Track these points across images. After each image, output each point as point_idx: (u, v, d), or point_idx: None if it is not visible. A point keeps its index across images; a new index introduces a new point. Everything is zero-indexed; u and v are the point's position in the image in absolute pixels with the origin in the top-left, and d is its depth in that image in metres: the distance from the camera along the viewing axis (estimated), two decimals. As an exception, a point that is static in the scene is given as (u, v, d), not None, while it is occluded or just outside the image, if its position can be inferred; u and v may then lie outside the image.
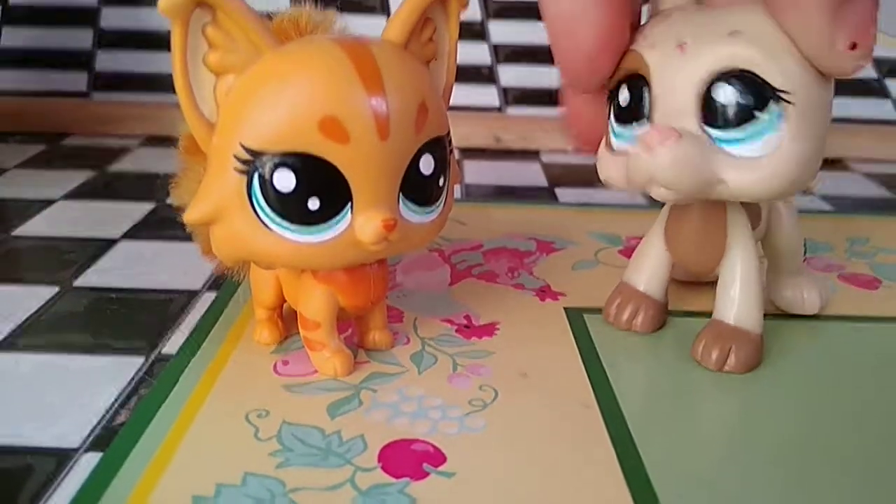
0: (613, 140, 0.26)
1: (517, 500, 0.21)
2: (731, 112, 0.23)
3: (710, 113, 0.24)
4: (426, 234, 0.25)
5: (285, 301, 0.27)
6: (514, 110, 0.61)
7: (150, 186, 0.46)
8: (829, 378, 0.27)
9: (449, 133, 0.25)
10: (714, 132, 0.24)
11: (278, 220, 0.22)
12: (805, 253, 0.32)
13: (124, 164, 0.51)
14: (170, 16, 0.21)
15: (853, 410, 0.25)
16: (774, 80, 0.23)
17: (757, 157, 0.24)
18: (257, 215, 0.22)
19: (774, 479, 0.22)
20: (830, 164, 0.56)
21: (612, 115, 0.26)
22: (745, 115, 0.23)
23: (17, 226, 0.39)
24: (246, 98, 0.22)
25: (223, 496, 0.20)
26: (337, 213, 0.23)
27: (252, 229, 0.22)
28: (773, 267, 0.30)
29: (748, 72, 0.23)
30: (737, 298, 0.27)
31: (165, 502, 0.20)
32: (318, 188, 0.22)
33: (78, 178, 0.47)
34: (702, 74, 0.23)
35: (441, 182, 0.25)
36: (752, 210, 0.29)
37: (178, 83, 0.22)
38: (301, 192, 0.22)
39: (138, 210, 0.42)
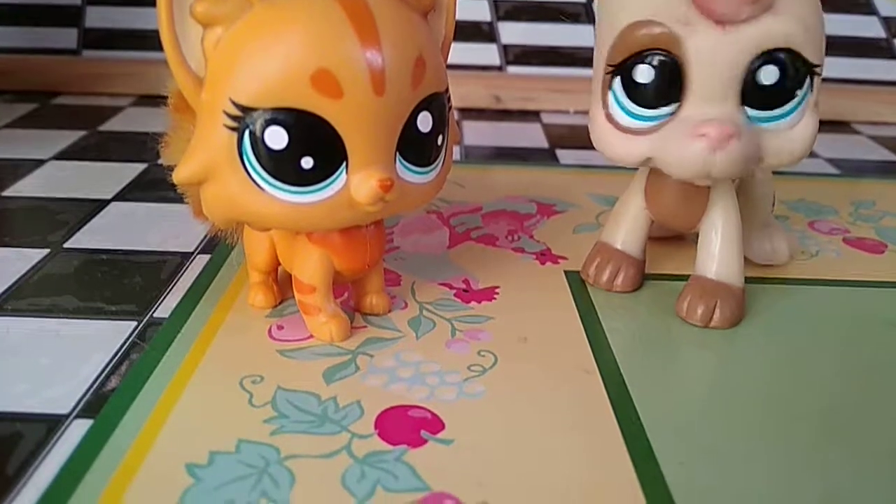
0: (622, 116, 0.25)
1: (517, 467, 0.20)
2: (775, 93, 0.24)
3: (754, 94, 0.24)
4: (424, 194, 0.24)
5: (280, 264, 0.26)
6: (514, 69, 0.59)
7: (142, 147, 0.45)
8: (819, 337, 0.27)
9: (448, 90, 0.24)
10: (754, 112, 0.24)
11: (270, 179, 0.21)
12: (773, 205, 0.32)
13: (116, 124, 0.50)
14: None
15: (842, 369, 0.25)
16: (812, 55, 0.23)
17: (788, 130, 0.24)
18: (249, 174, 0.21)
19: (775, 443, 0.21)
20: (836, 126, 0.55)
21: (621, 92, 0.25)
22: (787, 95, 0.24)
23: (6, 186, 0.38)
24: (235, 52, 0.21)
25: (217, 463, 0.20)
26: (331, 172, 0.22)
27: (244, 189, 0.22)
28: (743, 218, 0.30)
29: (791, 50, 0.23)
30: (718, 253, 0.27)
31: (158, 470, 0.20)
32: (311, 146, 0.21)
33: (69, 137, 0.47)
34: (746, 56, 0.23)
35: (440, 141, 0.24)
36: None
37: (165, 35, 0.21)
38: (293, 150, 0.21)
39: (130, 170, 0.41)
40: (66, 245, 0.32)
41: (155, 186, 0.39)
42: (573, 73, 0.57)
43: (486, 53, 0.60)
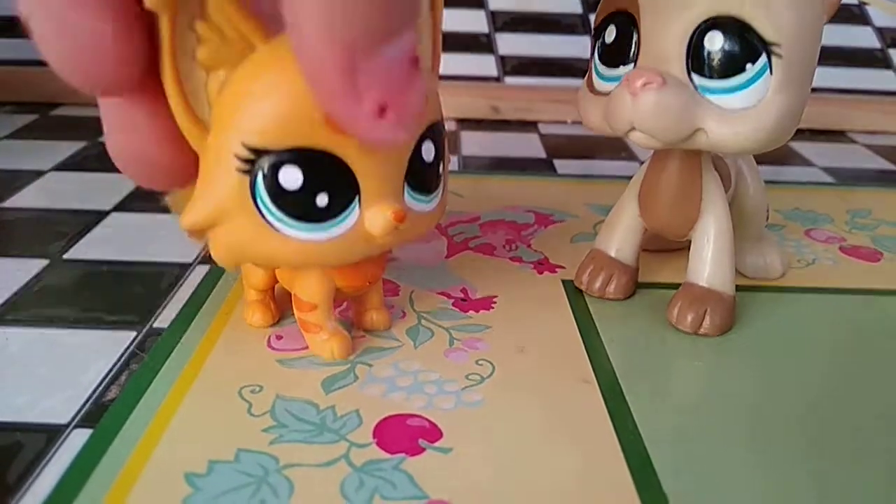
0: (596, 80, 0.26)
1: (514, 476, 0.20)
2: (719, 62, 0.23)
3: (698, 60, 0.23)
4: (430, 221, 0.24)
5: (277, 281, 0.26)
6: (512, 80, 0.60)
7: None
8: (817, 345, 0.27)
9: (442, 117, 0.24)
10: (699, 80, 0.23)
11: (285, 218, 0.21)
12: (767, 219, 0.32)
13: (116, 135, 0.50)
14: (157, 9, 0.19)
15: (840, 377, 0.25)
16: (766, 32, 0.22)
17: (740, 109, 0.23)
18: (262, 216, 0.21)
19: (772, 452, 0.22)
20: (831, 135, 0.55)
21: (596, 55, 0.26)
22: (734, 67, 0.23)
23: (6, 197, 0.39)
24: (243, 93, 0.20)
25: (216, 473, 0.20)
26: (345, 207, 0.22)
27: (256, 231, 0.21)
28: (736, 232, 0.30)
29: (741, 21, 0.23)
30: (709, 261, 0.27)
31: (156, 479, 0.20)
32: (326, 183, 0.21)
33: (69, 148, 0.47)
34: (693, 19, 0.23)
35: (440, 168, 0.24)
36: (722, 172, 0.28)
37: (168, 81, 0.20)
38: (309, 189, 0.21)
39: (130, 181, 0.41)
40: (65, 256, 0.32)
41: (154, 197, 0.39)
42: (571, 84, 0.57)
43: (484, 64, 0.60)
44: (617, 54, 0.25)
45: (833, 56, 0.58)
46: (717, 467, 0.21)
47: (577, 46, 0.60)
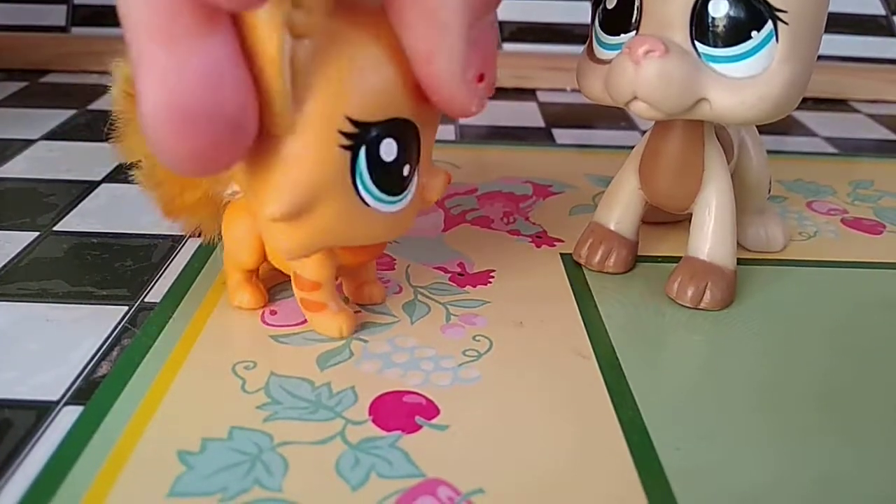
0: (597, 48, 0.25)
1: (512, 452, 0.20)
2: (724, 29, 0.22)
3: (702, 28, 0.23)
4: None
5: (265, 260, 0.25)
6: (509, 46, 0.59)
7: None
8: (817, 318, 0.27)
9: None
10: (703, 48, 0.23)
11: (378, 193, 0.21)
12: (769, 191, 0.32)
13: (106, 103, 0.49)
14: None
15: (834, 351, 0.25)
16: None
17: (744, 78, 0.23)
18: (358, 192, 0.21)
19: (772, 426, 0.21)
20: (833, 104, 0.54)
21: (596, 21, 0.25)
22: (739, 34, 0.22)
23: (-6, 167, 0.38)
24: (344, 66, 0.19)
25: (209, 450, 0.20)
26: (413, 176, 0.22)
27: (352, 209, 0.21)
28: (738, 204, 0.29)
29: None
30: (710, 235, 0.27)
31: (149, 457, 0.19)
32: (410, 153, 0.21)
33: (58, 117, 0.46)
34: None
35: None
36: (724, 143, 0.28)
37: (276, 62, 0.18)
38: (400, 160, 0.21)
39: (121, 151, 0.41)
40: (55, 228, 0.32)
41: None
42: (570, 51, 0.57)
43: (482, 31, 0.59)
44: (618, 21, 0.24)
45: (835, 23, 0.57)
46: (716, 442, 0.21)
47: (576, 12, 0.58)
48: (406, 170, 0.21)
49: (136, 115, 0.18)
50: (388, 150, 0.20)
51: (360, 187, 0.20)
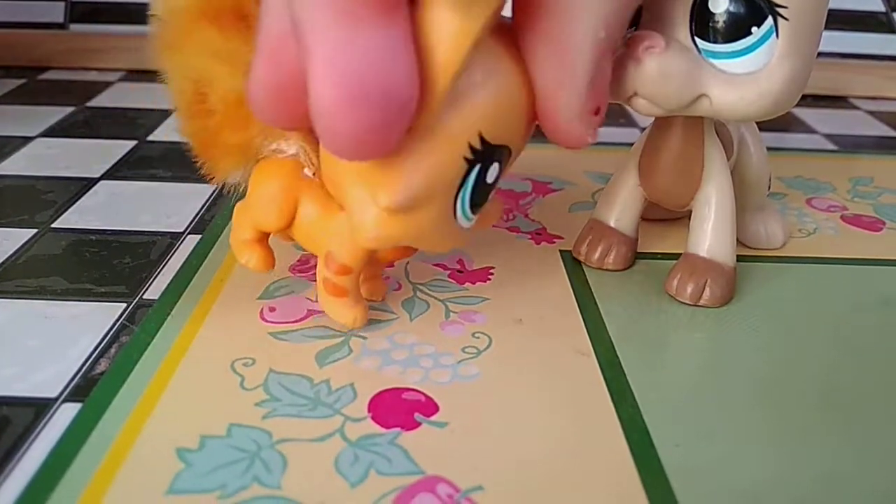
0: None
1: (511, 450, 0.20)
2: (724, 25, 0.22)
3: (702, 24, 0.23)
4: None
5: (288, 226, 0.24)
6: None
7: (132, 123, 0.45)
8: (817, 315, 0.27)
9: None
10: (703, 44, 0.23)
11: (468, 208, 0.21)
12: (769, 188, 0.32)
13: (105, 100, 0.49)
14: None
15: (835, 347, 0.25)
16: None
17: (744, 74, 0.23)
18: (456, 204, 0.21)
19: (772, 423, 0.21)
20: (833, 101, 0.54)
21: None
22: (739, 30, 0.22)
23: (-8, 164, 0.38)
24: (493, 86, 0.20)
25: (207, 448, 0.20)
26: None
27: (443, 218, 0.21)
28: (738, 201, 0.29)
29: None
30: (710, 231, 0.27)
31: (147, 455, 0.19)
32: (501, 177, 0.22)
33: (56, 114, 0.46)
34: None
35: None
36: (724, 139, 0.28)
37: (457, 58, 0.18)
38: (496, 183, 0.22)
39: (120, 148, 0.41)
40: (53, 225, 0.32)
41: (145, 164, 0.39)
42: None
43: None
44: None
45: (835, 19, 0.57)
46: (716, 440, 0.21)
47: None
48: (494, 192, 0.22)
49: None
50: (493, 172, 0.21)
51: (459, 200, 0.21)
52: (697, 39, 0.23)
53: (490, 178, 0.21)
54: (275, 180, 0.23)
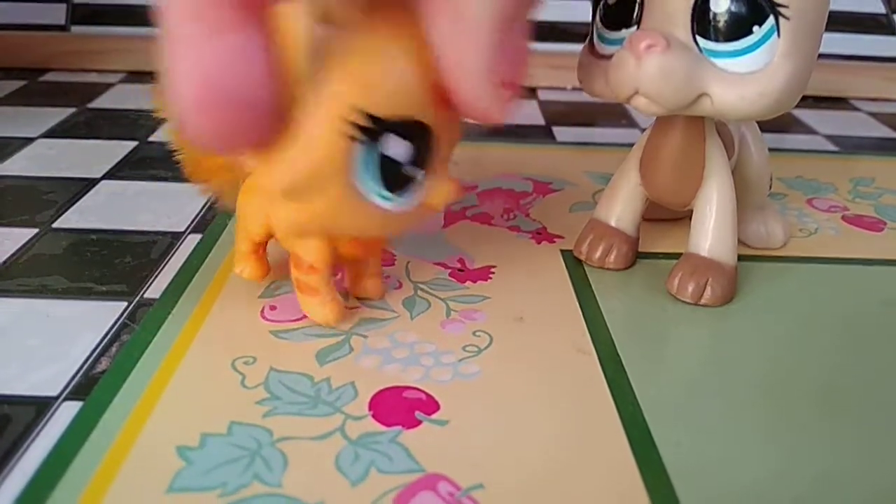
0: (598, 43, 0.25)
1: (512, 448, 0.20)
2: (726, 24, 0.22)
3: (704, 23, 0.23)
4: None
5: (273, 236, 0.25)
6: (510, 45, 0.58)
7: (133, 124, 0.45)
8: (817, 314, 0.27)
9: None
10: (705, 43, 0.23)
11: (381, 189, 0.21)
12: (770, 188, 0.32)
13: (105, 101, 0.49)
14: None
15: (835, 347, 0.25)
16: None
17: (746, 73, 0.23)
18: (360, 185, 0.21)
19: (773, 423, 0.21)
20: (834, 102, 0.54)
21: (597, 16, 0.25)
22: (740, 29, 0.22)
23: (-6, 165, 0.38)
24: (364, 57, 0.20)
25: (208, 446, 0.20)
26: (422, 179, 0.22)
27: (350, 200, 0.21)
28: (739, 201, 0.29)
29: None
30: (711, 231, 0.27)
31: (148, 453, 0.19)
32: (422, 156, 0.21)
33: (58, 115, 0.46)
34: None
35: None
36: (725, 139, 0.28)
37: (299, 37, 0.19)
38: (410, 161, 0.21)
39: (121, 148, 0.41)
40: (54, 225, 0.32)
41: (146, 165, 0.39)
42: (570, 49, 0.56)
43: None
44: (619, 16, 0.24)
45: (836, 21, 0.57)
46: (717, 438, 0.21)
47: (577, 10, 0.58)
48: (413, 171, 0.21)
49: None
50: (398, 149, 0.21)
51: (362, 180, 0.21)
52: (699, 38, 0.23)
53: (396, 155, 0.21)
54: (255, 195, 0.24)
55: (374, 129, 0.20)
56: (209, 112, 0.18)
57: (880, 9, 0.60)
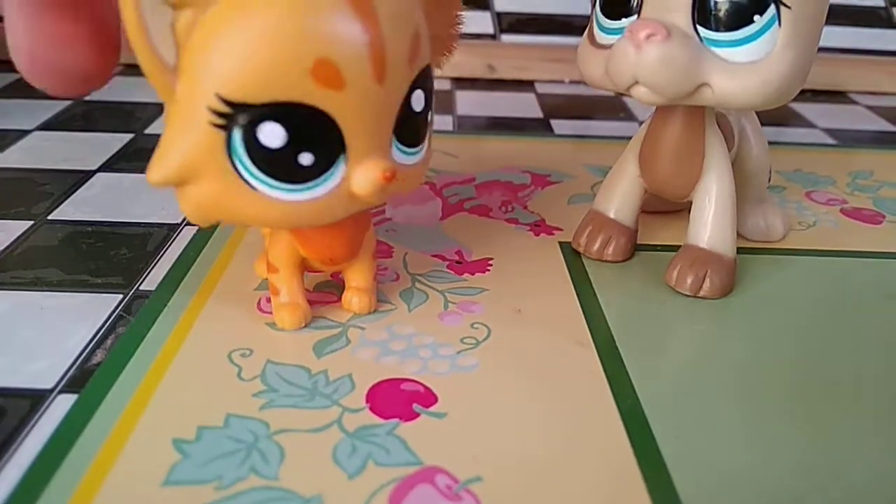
0: (597, 32, 0.25)
1: (510, 440, 0.20)
2: (726, 13, 0.22)
3: (704, 12, 0.23)
4: (418, 175, 0.23)
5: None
6: (508, 38, 0.58)
7: (129, 116, 0.44)
8: (816, 307, 0.27)
9: (429, 62, 0.22)
10: (705, 33, 0.23)
11: (266, 179, 0.20)
12: (769, 180, 0.32)
13: (101, 94, 0.49)
14: None
15: (837, 339, 0.25)
16: None
17: (746, 63, 0.23)
18: (240, 175, 0.19)
19: (772, 416, 0.21)
20: (833, 96, 0.54)
21: (597, 5, 0.25)
22: (741, 18, 0.22)
23: (-12, 157, 0.38)
24: (220, 39, 0.18)
25: (205, 439, 0.19)
26: (331, 166, 0.20)
27: (235, 191, 0.20)
28: (738, 193, 0.29)
29: None
30: (710, 222, 0.27)
31: (144, 446, 0.19)
32: (310, 141, 0.19)
33: (53, 107, 0.45)
34: None
35: (428, 117, 0.22)
36: (725, 131, 0.28)
37: (129, 19, 0.18)
38: (292, 148, 0.19)
39: (116, 141, 0.40)
40: (50, 217, 0.31)
41: (141, 157, 0.38)
42: (569, 42, 0.56)
43: (480, 21, 0.59)
44: (619, 5, 0.24)
45: (835, 15, 0.57)
46: (716, 431, 0.21)
47: (575, 3, 0.58)
48: (305, 158, 0.20)
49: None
50: (271, 135, 0.19)
51: (241, 169, 0.19)
52: (699, 27, 0.23)
53: (271, 142, 0.19)
54: None
55: (233, 114, 0.19)
56: (38, 77, 0.21)
57: (879, 2, 0.60)
